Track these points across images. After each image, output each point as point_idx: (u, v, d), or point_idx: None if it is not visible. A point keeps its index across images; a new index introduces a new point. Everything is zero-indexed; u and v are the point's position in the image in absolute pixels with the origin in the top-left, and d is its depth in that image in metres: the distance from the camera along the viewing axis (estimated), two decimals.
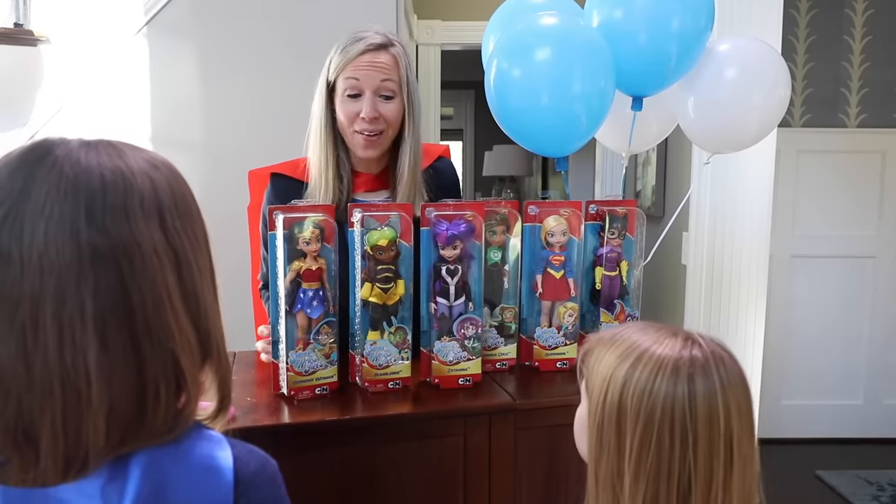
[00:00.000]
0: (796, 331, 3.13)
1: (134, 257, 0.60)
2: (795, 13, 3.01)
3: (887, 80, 3.08)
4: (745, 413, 0.74)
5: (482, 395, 1.19)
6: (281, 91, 2.25)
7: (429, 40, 3.71)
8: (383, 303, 1.15)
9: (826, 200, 3.09)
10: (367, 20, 1.48)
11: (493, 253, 1.27)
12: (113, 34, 2.23)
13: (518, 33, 1.37)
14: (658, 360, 0.73)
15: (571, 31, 1.36)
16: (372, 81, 1.31)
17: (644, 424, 0.72)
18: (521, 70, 1.35)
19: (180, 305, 0.63)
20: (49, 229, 0.58)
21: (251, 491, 0.65)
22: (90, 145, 0.64)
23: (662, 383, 0.72)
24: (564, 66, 1.32)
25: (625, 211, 1.35)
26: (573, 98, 1.34)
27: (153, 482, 0.61)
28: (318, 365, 1.15)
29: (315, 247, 1.12)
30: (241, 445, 0.68)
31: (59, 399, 0.58)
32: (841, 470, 2.86)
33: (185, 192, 0.68)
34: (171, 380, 0.63)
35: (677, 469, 0.71)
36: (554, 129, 1.38)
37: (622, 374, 0.74)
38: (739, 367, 0.76)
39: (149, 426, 0.62)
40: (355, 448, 1.09)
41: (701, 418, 0.71)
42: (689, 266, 2.40)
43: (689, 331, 0.77)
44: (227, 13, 2.27)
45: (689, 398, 0.71)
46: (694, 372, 0.72)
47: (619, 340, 0.78)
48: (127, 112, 2.25)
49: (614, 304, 1.36)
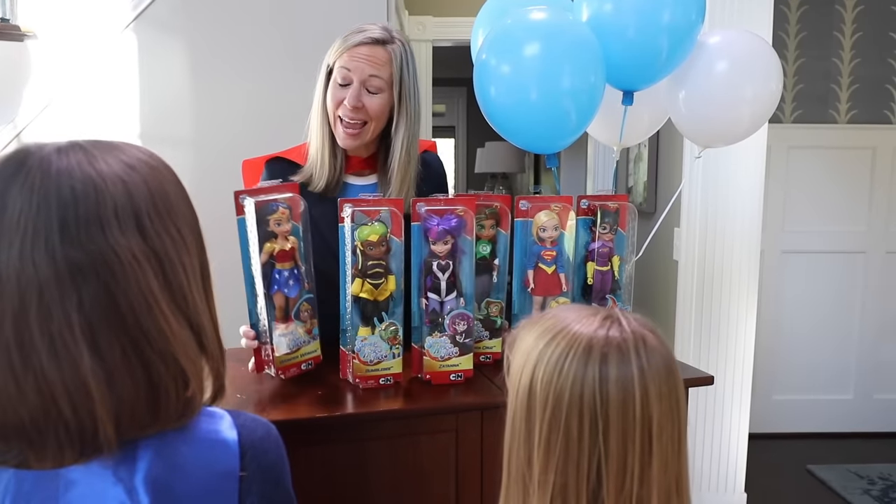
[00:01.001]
0: (787, 326, 3.15)
1: (114, 267, 0.60)
2: (786, 9, 3.02)
3: (877, 76, 3.09)
4: (669, 398, 0.67)
5: (474, 390, 1.18)
6: (271, 85, 2.24)
7: (420, 36, 3.70)
8: (374, 298, 1.14)
9: (817, 196, 3.10)
10: (358, 15, 1.48)
11: (482, 247, 1.27)
12: (101, 29, 2.21)
13: (507, 28, 1.36)
14: (571, 340, 0.67)
15: (560, 25, 1.35)
16: (361, 73, 1.33)
17: (552, 409, 0.66)
18: (509, 65, 1.34)
19: (169, 307, 0.64)
20: (24, 246, 0.58)
21: (261, 454, 0.69)
22: (62, 152, 0.63)
23: (573, 364, 0.66)
24: (553, 61, 1.32)
25: (616, 206, 1.35)
26: (563, 94, 1.33)
27: (163, 461, 0.64)
28: (301, 341, 1.17)
29: (286, 227, 1.13)
30: (244, 415, 0.71)
31: (67, 408, 0.59)
32: (832, 464, 2.87)
33: (167, 188, 0.67)
34: (179, 376, 0.64)
35: (587, 459, 0.65)
36: (543, 126, 1.37)
37: (535, 354, 0.69)
38: (665, 349, 0.69)
39: (162, 418, 0.64)
40: (347, 445, 1.09)
41: (613, 403, 0.65)
42: (681, 262, 2.41)
43: (615, 310, 0.72)
44: (217, 8, 2.25)
45: (599, 381, 0.65)
46: (608, 352, 0.66)
47: (537, 321, 0.72)
48: (116, 108, 2.23)
49: (606, 299, 1.36)
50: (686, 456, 0.70)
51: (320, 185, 1.40)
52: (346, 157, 1.44)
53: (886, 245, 3.13)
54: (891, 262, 3.15)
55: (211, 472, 0.66)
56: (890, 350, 3.18)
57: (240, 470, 0.67)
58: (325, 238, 1.40)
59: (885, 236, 3.13)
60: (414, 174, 1.41)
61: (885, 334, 3.18)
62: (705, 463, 2.41)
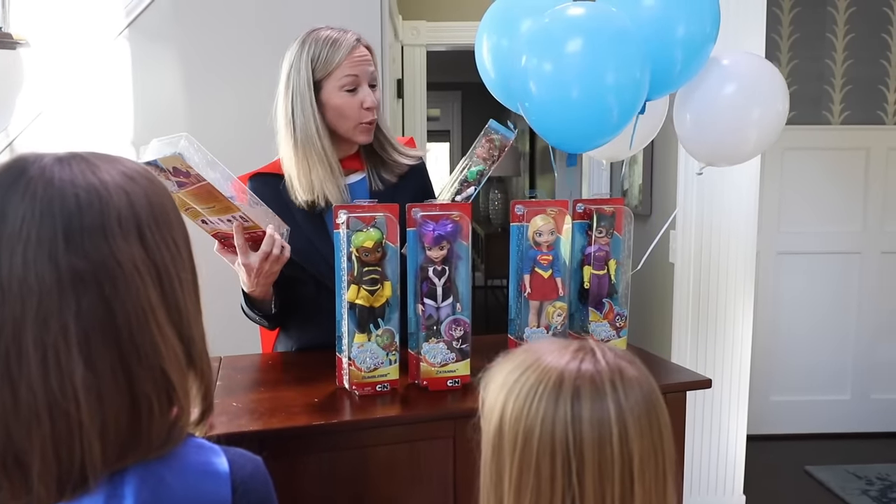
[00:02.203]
0: (784, 327, 3.15)
1: (116, 277, 0.60)
2: (779, 11, 3.03)
3: (870, 77, 3.10)
4: (651, 434, 0.63)
5: (471, 396, 1.17)
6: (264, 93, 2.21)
7: (414, 41, 3.70)
8: (370, 305, 1.13)
9: (812, 197, 3.11)
10: (351, 21, 1.48)
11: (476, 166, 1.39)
12: (94, 37, 2.21)
13: (546, 26, 1.34)
14: (541, 373, 0.63)
15: (602, 19, 1.33)
16: (365, 74, 1.39)
17: (522, 448, 0.62)
18: (551, 62, 1.31)
19: (164, 319, 0.63)
20: (27, 254, 0.58)
21: (250, 492, 0.67)
22: (63, 162, 0.62)
23: (542, 400, 0.62)
24: (596, 57, 1.30)
25: (612, 209, 1.35)
26: (606, 90, 1.32)
27: (151, 492, 0.61)
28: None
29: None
30: (233, 450, 0.69)
31: (48, 424, 0.57)
32: (830, 465, 2.87)
33: (164, 200, 0.67)
34: (163, 394, 0.63)
35: (560, 502, 0.61)
36: (584, 123, 1.35)
37: (505, 390, 0.65)
38: (646, 381, 0.65)
39: (145, 441, 0.62)
40: (344, 452, 1.08)
41: (588, 442, 0.60)
42: (677, 264, 2.41)
43: (589, 342, 0.67)
44: (209, 15, 2.25)
45: (571, 418, 0.61)
46: (581, 386, 0.62)
47: (510, 358, 0.68)
48: (108, 116, 2.22)
49: (603, 302, 1.35)
50: (673, 492, 0.66)
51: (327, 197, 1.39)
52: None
53: (881, 245, 3.14)
54: (886, 262, 3.15)
55: (202, 501, 0.64)
56: (887, 350, 3.19)
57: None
58: (315, 245, 1.39)
59: (881, 236, 3.14)
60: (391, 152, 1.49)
61: (882, 334, 3.19)
62: (703, 465, 2.41)
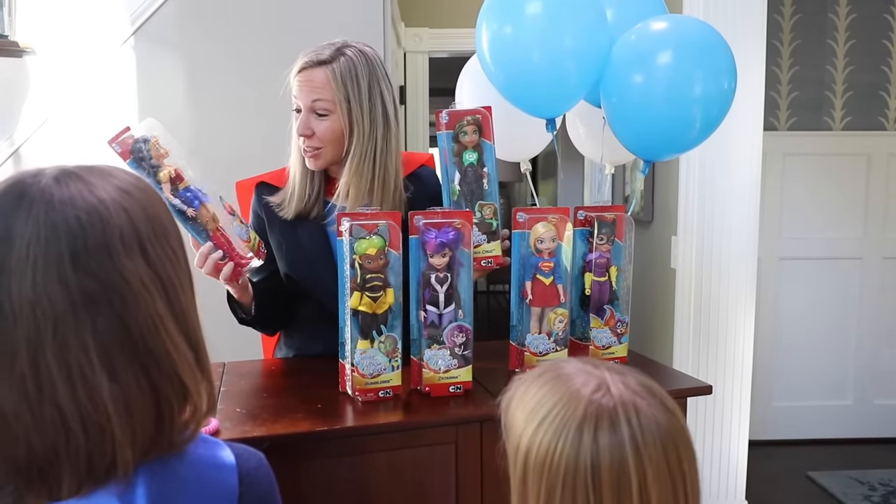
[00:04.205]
0: (785, 332, 3.15)
1: (125, 294, 0.62)
2: (780, 18, 3.04)
3: (871, 83, 3.11)
4: (670, 473, 0.62)
5: (473, 402, 1.18)
6: (269, 100, 2.24)
7: (416, 48, 3.72)
8: (373, 312, 1.14)
9: (813, 203, 3.11)
10: (355, 29, 1.49)
11: (469, 154, 1.32)
12: (99, 45, 2.23)
13: (633, 42, 1.40)
14: (566, 414, 0.63)
15: (690, 31, 1.37)
16: (305, 99, 1.33)
17: (548, 489, 0.63)
18: (643, 75, 1.37)
19: (173, 327, 0.65)
20: (37, 278, 0.59)
21: (255, 485, 0.70)
22: (60, 181, 0.63)
23: (568, 437, 0.62)
24: (684, 70, 1.33)
25: (613, 216, 1.35)
26: (692, 101, 1.34)
27: (162, 483, 0.64)
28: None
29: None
30: (237, 445, 0.72)
31: (82, 437, 0.59)
32: (832, 470, 2.87)
33: (159, 209, 0.69)
34: (180, 396, 0.65)
35: None
36: (668, 132, 1.40)
37: (530, 431, 0.65)
38: (662, 416, 0.64)
39: (167, 441, 0.65)
40: (347, 458, 1.09)
41: (606, 483, 0.61)
42: (678, 270, 2.42)
43: (604, 372, 0.67)
44: (215, 23, 2.27)
45: (592, 458, 0.61)
46: (599, 427, 0.62)
47: (532, 393, 0.68)
48: (113, 124, 2.23)
49: (604, 309, 1.36)
50: None
51: (289, 211, 1.39)
52: (328, 178, 1.43)
53: (883, 251, 3.14)
54: (887, 268, 3.15)
55: (212, 492, 0.67)
56: (889, 355, 3.19)
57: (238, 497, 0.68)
58: (311, 259, 1.40)
59: (882, 242, 3.14)
60: (393, 187, 1.37)
61: (883, 339, 3.18)
62: (706, 472, 2.41)
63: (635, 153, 1.52)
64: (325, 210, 1.43)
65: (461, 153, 1.33)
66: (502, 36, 1.45)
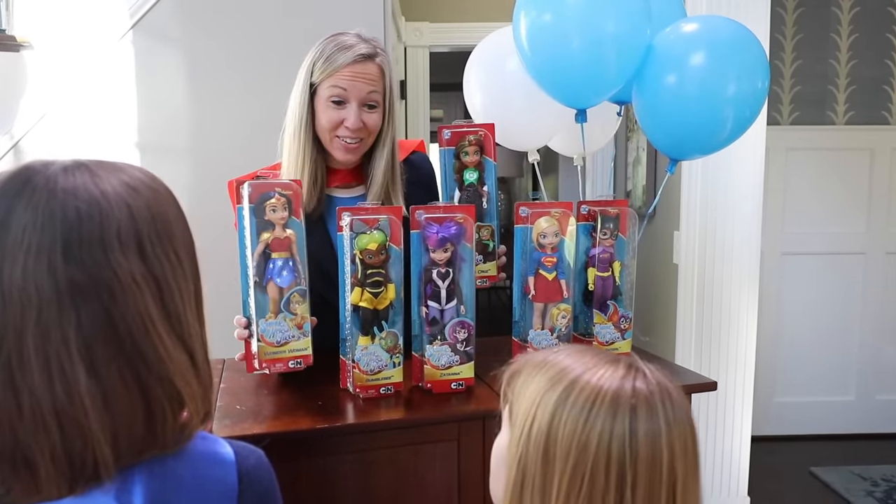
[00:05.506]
0: (788, 328, 3.14)
1: (114, 289, 0.60)
2: (783, 11, 3.02)
3: (874, 77, 3.09)
4: (692, 455, 0.66)
5: (475, 399, 1.17)
6: (269, 95, 2.23)
7: (417, 42, 3.70)
8: (374, 307, 1.13)
9: (816, 198, 3.10)
10: (355, 23, 1.47)
11: (470, 174, 1.35)
12: (97, 39, 2.21)
13: (669, 43, 1.41)
14: (595, 388, 0.64)
15: (722, 29, 1.37)
16: (359, 92, 1.32)
17: (575, 462, 0.63)
18: (675, 75, 1.39)
19: (166, 330, 0.63)
20: (27, 264, 0.58)
21: (255, 483, 0.69)
22: (68, 171, 0.62)
23: (599, 415, 0.63)
24: (719, 71, 1.35)
25: (616, 211, 1.34)
26: (725, 102, 1.35)
27: (161, 481, 0.63)
28: (290, 336, 1.13)
29: (282, 214, 1.10)
30: (236, 443, 0.71)
31: (56, 430, 0.58)
32: (835, 466, 2.86)
33: (167, 209, 0.67)
34: (174, 399, 0.64)
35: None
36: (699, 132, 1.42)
37: (553, 399, 0.65)
38: (686, 403, 0.68)
39: (160, 442, 0.64)
40: (348, 455, 1.08)
41: (642, 460, 0.62)
42: (681, 265, 2.40)
43: (632, 358, 0.69)
44: (214, 17, 2.25)
45: (629, 436, 0.62)
46: (637, 405, 0.63)
47: (551, 363, 0.69)
48: (113, 118, 2.22)
49: (607, 304, 1.35)
50: None
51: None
52: (328, 171, 1.42)
53: (886, 246, 3.13)
54: (891, 263, 3.14)
55: (211, 489, 0.66)
56: (891, 350, 3.18)
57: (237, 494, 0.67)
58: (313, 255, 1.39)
59: (885, 237, 3.13)
60: (400, 176, 1.41)
61: (886, 335, 3.17)
62: (708, 467, 2.40)
63: (663, 152, 1.51)
64: (332, 205, 1.42)
65: (462, 171, 1.36)
66: (541, 23, 1.45)
